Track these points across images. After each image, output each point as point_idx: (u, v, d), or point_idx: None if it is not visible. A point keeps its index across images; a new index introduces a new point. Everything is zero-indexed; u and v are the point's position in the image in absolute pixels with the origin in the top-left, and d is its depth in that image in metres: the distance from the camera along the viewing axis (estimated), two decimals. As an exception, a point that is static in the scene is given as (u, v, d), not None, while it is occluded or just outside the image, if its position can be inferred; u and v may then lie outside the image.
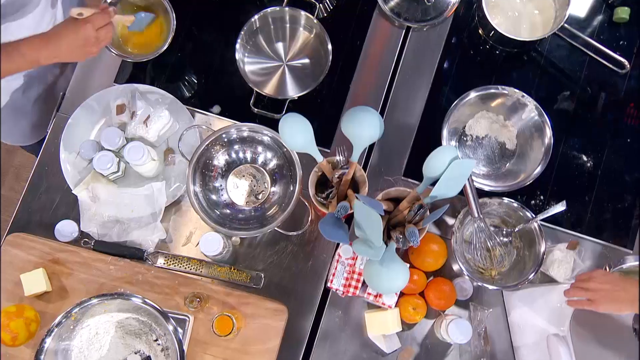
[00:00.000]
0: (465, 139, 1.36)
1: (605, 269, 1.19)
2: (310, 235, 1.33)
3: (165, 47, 1.31)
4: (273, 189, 1.30)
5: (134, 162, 1.20)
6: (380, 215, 1.03)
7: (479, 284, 1.24)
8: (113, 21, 1.14)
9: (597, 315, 1.01)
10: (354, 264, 1.14)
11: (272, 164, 1.29)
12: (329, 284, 1.14)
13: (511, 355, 1.25)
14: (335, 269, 1.14)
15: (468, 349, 1.25)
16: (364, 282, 1.17)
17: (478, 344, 1.25)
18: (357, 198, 1.09)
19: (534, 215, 1.23)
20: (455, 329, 1.15)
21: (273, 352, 1.22)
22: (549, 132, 1.25)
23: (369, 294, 1.14)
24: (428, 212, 1.14)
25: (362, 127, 1.11)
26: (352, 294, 1.13)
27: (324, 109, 1.38)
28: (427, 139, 1.34)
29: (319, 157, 1.14)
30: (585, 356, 0.98)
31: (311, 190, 1.18)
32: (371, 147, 1.37)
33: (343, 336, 1.27)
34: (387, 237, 1.17)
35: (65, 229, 1.28)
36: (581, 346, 0.99)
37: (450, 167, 1.06)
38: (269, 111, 1.34)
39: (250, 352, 1.21)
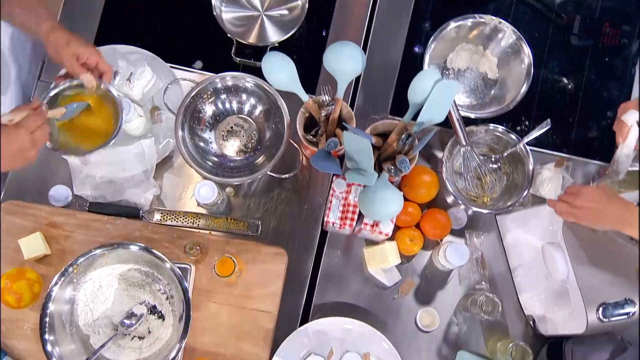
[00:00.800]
0: (447, 72, 1.38)
1: (590, 183, 1.21)
2: (303, 179, 1.34)
3: (113, 140, 1.18)
4: (262, 136, 1.31)
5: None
6: (370, 143, 1.04)
7: (473, 209, 1.26)
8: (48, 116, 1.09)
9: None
10: (348, 197, 1.16)
11: (259, 110, 1.30)
12: (325, 219, 1.15)
13: (509, 276, 1.28)
14: (331, 202, 1.16)
15: (467, 275, 1.28)
16: (359, 216, 1.19)
17: (476, 269, 1.28)
18: (345, 129, 1.10)
19: (520, 138, 1.25)
20: (453, 253, 1.17)
21: (276, 295, 1.24)
22: (527, 49, 1.27)
23: (365, 224, 1.15)
24: (417, 141, 1.16)
25: (344, 60, 1.12)
26: (350, 226, 1.15)
27: (305, 54, 1.39)
28: (410, 75, 1.35)
29: (304, 96, 1.15)
30: (579, 258, 1.01)
31: (300, 131, 1.19)
32: (355, 88, 1.38)
33: (344, 274, 1.29)
34: (378, 171, 1.19)
35: (59, 194, 1.28)
36: (575, 250, 1.01)
37: (435, 90, 1.08)
38: (251, 59, 1.34)
39: (254, 297, 1.23)
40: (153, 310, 1.16)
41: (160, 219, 1.28)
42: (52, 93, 1.17)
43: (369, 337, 1.22)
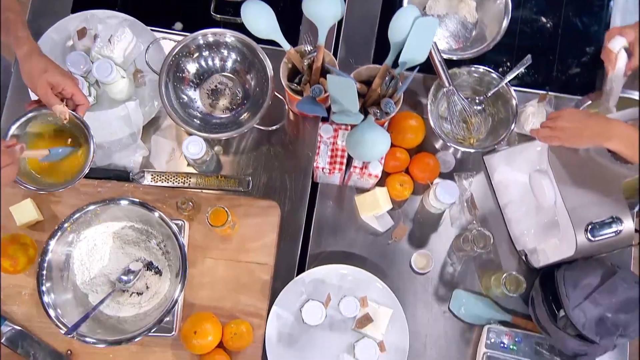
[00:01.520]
0: (427, 19, 1.38)
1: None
2: (291, 134, 1.35)
3: (84, 173, 1.11)
4: (246, 92, 1.31)
5: (103, 79, 1.21)
6: (353, 83, 1.05)
7: (460, 149, 1.28)
8: (22, 156, 1.04)
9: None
10: (336, 142, 1.17)
11: (241, 66, 1.30)
12: (314, 165, 1.17)
13: (499, 214, 1.30)
14: (319, 148, 1.17)
15: (458, 216, 1.30)
16: (348, 162, 1.20)
17: (467, 210, 1.30)
18: (329, 73, 1.11)
19: (502, 77, 1.26)
20: (442, 191, 1.18)
21: (271, 247, 1.25)
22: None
23: (354, 167, 1.17)
24: (400, 83, 1.17)
25: (323, 4, 1.12)
26: (339, 171, 1.16)
27: (286, 7, 1.39)
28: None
29: (285, 45, 1.16)
30: (565, 183, 1.02)
31: (283, 81, 1.20)
32: (337, 41, 1.39)
33: (338, 224, 1.30)
34: (364, 115, 1.20)
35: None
36: (561, 175, 1.03)
37: (415, 28, 1.08)
38: (231, 15, 1.34)
39: (249, 250, 1.24)
40: (150, 266, 1.17)
41: (151, 181, 1.29)
42: (21, 121, 1.10)
43: (365, 281, 1.23)
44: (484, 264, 1.28)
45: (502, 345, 1.18)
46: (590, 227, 1.01)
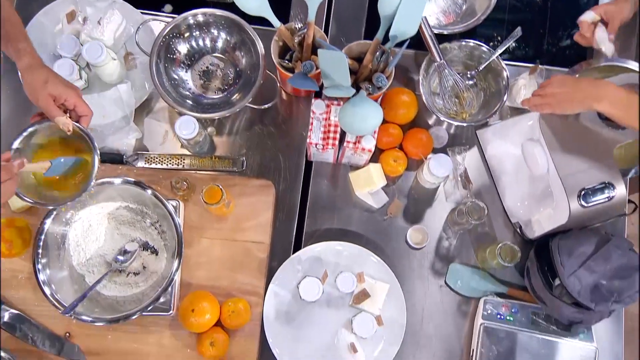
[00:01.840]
0: (417, -4, 1.39)
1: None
2: (284, 113, 1.35)
3: (89, 186, 1.05)
4: (238, 72, 1.31)
5: (93, 61, 1.20)
6: (344, 56, 1.05)
7: (453, 123, 1.29)
8: (24, 170, 0.99)
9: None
10: (329, 117, 1.17)
11: (232, 46, 1.30)
12: (308, 141, 1.17)
13: (493, 188, 1.31)
14: (312, 125, 1.17)
15: (452, 191, 1.31)
16: (341, 139, 1.20)
17: (461, 185, 1.30)
18: (320, 48, 1.11)
19: (493, 50, 1.27)
20: (436, 164, 1.19)
21: (267, 225, 1.25)
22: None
23: (347, 142, 1.17)
24: (391, 57, 1.17)
25: (312, -20, 1.12)
26: (332, 146, 1.16)
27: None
28: None
29: (275, 22, 1.16)
30: (557, 150, 1.03)
31: (275, 58, 1.20)
32: (328, 19, 1.39)
33: (332, 201, 1.31)
34: (357, 91, 1.20)
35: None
36: (553, 143, 1.03)
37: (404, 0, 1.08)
38: (220, -5, 1.34)
39: (245, 229, 1.25)
40: (146, 246, 1.17)
41: (145, 163, 1.29)
42: (25, 134, 1.06)
43: (361, 257, 1.24)
44: (479, 238, 1.29)
45: (498, 316, 1.19)
46: (583, 193, 1.01)
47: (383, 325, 1.20)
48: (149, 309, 1.08)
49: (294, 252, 1.27)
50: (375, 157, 1.29)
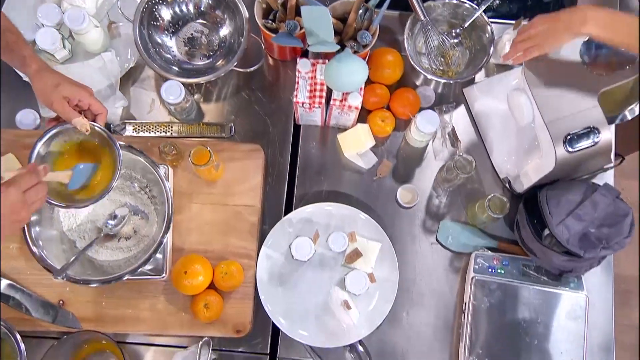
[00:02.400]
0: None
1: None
2: (271, 78, 1.35)
3: (113, 185, 1.05)
4: (223, 37, 1.31)
5: (76, 28, 1.19)
6: (327, 10, 1.05)
7: (440, 80, 1.29)
8: (46, 179, 0.97)
9: (547, 60, 1.05)
10: (314, 76, 1.17)
11: (216, 10, 1.29)
12: (294, 100, 1.17)
13: (481, 145, 1.31)
14: (297, 84, 1.17)
15: (441, 149, 1.31)
16: (328, 99, 1.20)
17: (449, 143, 1.31)
18: (302, 5, 1.11)
19: (477, 6, 1.27)
20: (423, 120, 1.19)
21: (257, 189, 1.25)
22: None
23: (334, 99, 1.17)
24: (375, 15, 1.17)
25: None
26: (319, 104, 1.16)
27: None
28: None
29: (258, -17, 1.16)
30: (542, 97, 1.03)
31: (258, 20, 1.20)
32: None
33: (322, 164, 1.31)
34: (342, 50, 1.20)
35: (26, 118, 1.27)
36: (538, 90, 1.03)
37: (386, -47, 1.08)
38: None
39: (236, 193, 1.25)
40: (136, 211, 1.17)
41: (133, 131, 1.28)
42: (44, 139, 1.05)
43: (352, 218, 1.24)
44: (468, 195, 1.29)
45: (490, 269, 1.20)
46: (568, 138, 1.02)
47: (376, 282, 1.21)
48: (140, 270, 1.08)
49: (285, 215, 1.27)
50: (363, 118, 1.29)
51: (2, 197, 0.88)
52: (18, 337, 1.10)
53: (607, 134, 1.03)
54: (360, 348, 1.20)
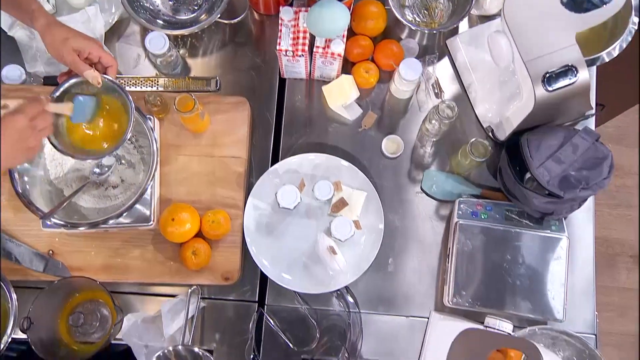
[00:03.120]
0: None
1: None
2: (256, 32, 1.35)
3: (128, 136, 1.05)
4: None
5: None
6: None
7: (424, 31, 1.29)
8: (49, 109, 0.98)
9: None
10: (297, 24, 1.17)
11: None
12: (277, 48, 1.17)
13: (464, 96, 1.32)
14: (281, 32, 1.17)
15: (425, 100, 1.32)
16: (311, 49, 1.20)
17: (433, 95, 1.31)
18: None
19: (459, -43, 1.27)
20: (406, 67, 1.20)
21: (243, 140, 1.26)
22: None
23: (317, 47, 1.17)
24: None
25: None
26: (302, 52, 1.17)
27: None
28: None
29: None
30: (522, 37, 1.03)
31: (241, -30, 1.20)
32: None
33: (308, 116, 1.31)
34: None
35: (11, 73, 1.26)
36: (516, 29, 1.04)
37: None
38: None
39: (223, 144, 1.25)
40: (122, 159, 1.18)
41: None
42: (57, 93, 1.05)
43: (337, 168, 1.25)
44: (452, 145, 1.30)
45: (473, 214, 1.21)
46: (547, 76, 1.03)
47: (361, 229, 1.22)
48: (126, 215, 1.09)
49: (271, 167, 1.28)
50: (347, 71, 1.30)
51: (10, 124, 0.89)
52: (9, 285, 1.11)
53: (585, 74, 1.04)
54: (347, 294, 1.22)
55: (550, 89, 1.03)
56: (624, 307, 2.21)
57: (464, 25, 1.34)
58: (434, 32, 1.31)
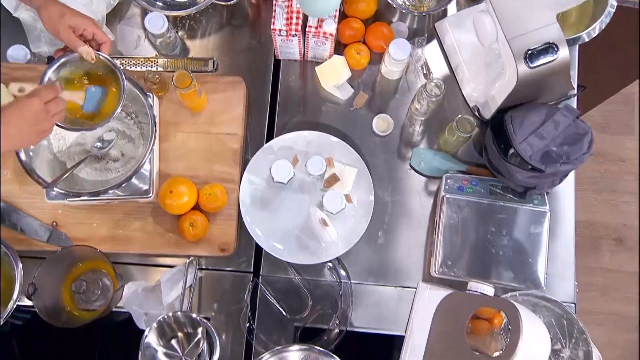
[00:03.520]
0: None
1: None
2: (253, 15, 1.38)
3: (118, 111, 1.08)
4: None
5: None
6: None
7: (414, 14, 1.32)
8: (62, 96, 1.02)
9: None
10: (291, 4, 1.19)
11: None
12: (271, 27, 1.20)
13: (452, 77, 1.34)
14: (275, 12, 1.20)
15: (414, 80, 1.35)
16: (304, 29, 1.23)
17: (422, 76, 1.34)
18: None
19: (447, -58, 1.30)
20: (395, 47, 1.22)
21: (239, 118, 1.29)
22: None
23: (309, 26, 1.20)
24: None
25: None
26: (295, 31, 1.19)
27: None
28: None
29: None
30: (505, 15, 1.06)
31: (238, -47, 1.22)
32: None
33: (302, 96, 1.34)
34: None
35: (16, 53, 1.29)
36: (500, 8, 1.07)
37: None
38: None
39: (219, 122, 1.28)
40: (123, 135, 1.21)
41: (120, 66, 1.30)
42: (53, 67, 1.07)
43: (330, 145, 1.28)
44: (440, 124, 1.33)
45: (459, 189, 1.24)
46: (529, 53, 1.06)
47: (352, 203, 1.25)
48: (127, 187, 1.12)
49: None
50: (339, 52, 1.32)
51: (26, 106, 0.93)
52: (15, 253, 1.14)
53: (565, 52, 1.07)
54: (339, 265, 1.25)
55: (532, 65, 1.06)
56: (606, 287, 2.26)
57: (452, 8, 1.37)
58: (423, 14, 1.33)
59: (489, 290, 1.01)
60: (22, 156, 1.10)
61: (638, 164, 2.35)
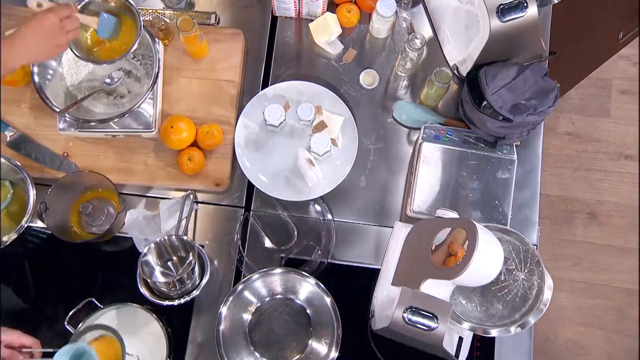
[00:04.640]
0: None
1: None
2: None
3: (135, 47, 1.13)
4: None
5: None
6: None
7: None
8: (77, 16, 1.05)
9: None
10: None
11: None
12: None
13: (435, 40, 1.40)
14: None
15: (399, 39, 1.40)
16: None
17: (406, 35, 1.40)
18: None
19: None
20: (383, 5, 1.28)
21: (237, 67, 1.34)
22: None
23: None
24: None
25: None
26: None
27: None
28: None
29: None
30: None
31: None
32: None
33: (296, 50, 1.40)
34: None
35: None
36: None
37: None
38: None
39: (219, 70, 1.34)
40: (129, 74, 1.27)
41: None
42: (79, 6, 1.10)
43: (319, 94, 1.34)
44: (422, 81, 1.38)
45: (436, 137, 1.30)
46: (500, 7, 1.11)
47: (337, 147, 1.31)
48: (132, 121, 1.18)
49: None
50: (332, 10, 1.38)
51: (43, 20, 0.96)
52: (29, 176, 1.20)
53: (534, 9, 1.12)
54: (323, 203, 1.31)
55: (503, 19, 1.12)
56: (578, 258, 2.31)
57: (437, -25, 1.42)
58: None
59: (454, 216, 1.07)
60: (38, 84, 1.16)
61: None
